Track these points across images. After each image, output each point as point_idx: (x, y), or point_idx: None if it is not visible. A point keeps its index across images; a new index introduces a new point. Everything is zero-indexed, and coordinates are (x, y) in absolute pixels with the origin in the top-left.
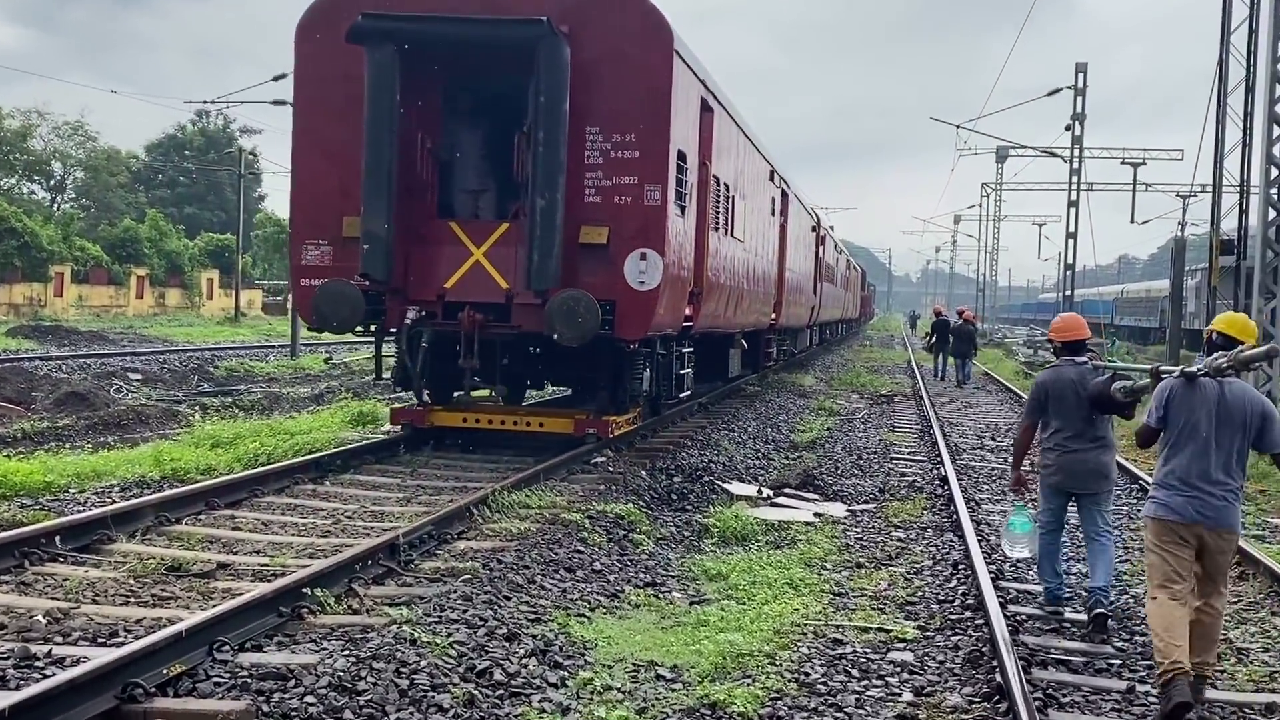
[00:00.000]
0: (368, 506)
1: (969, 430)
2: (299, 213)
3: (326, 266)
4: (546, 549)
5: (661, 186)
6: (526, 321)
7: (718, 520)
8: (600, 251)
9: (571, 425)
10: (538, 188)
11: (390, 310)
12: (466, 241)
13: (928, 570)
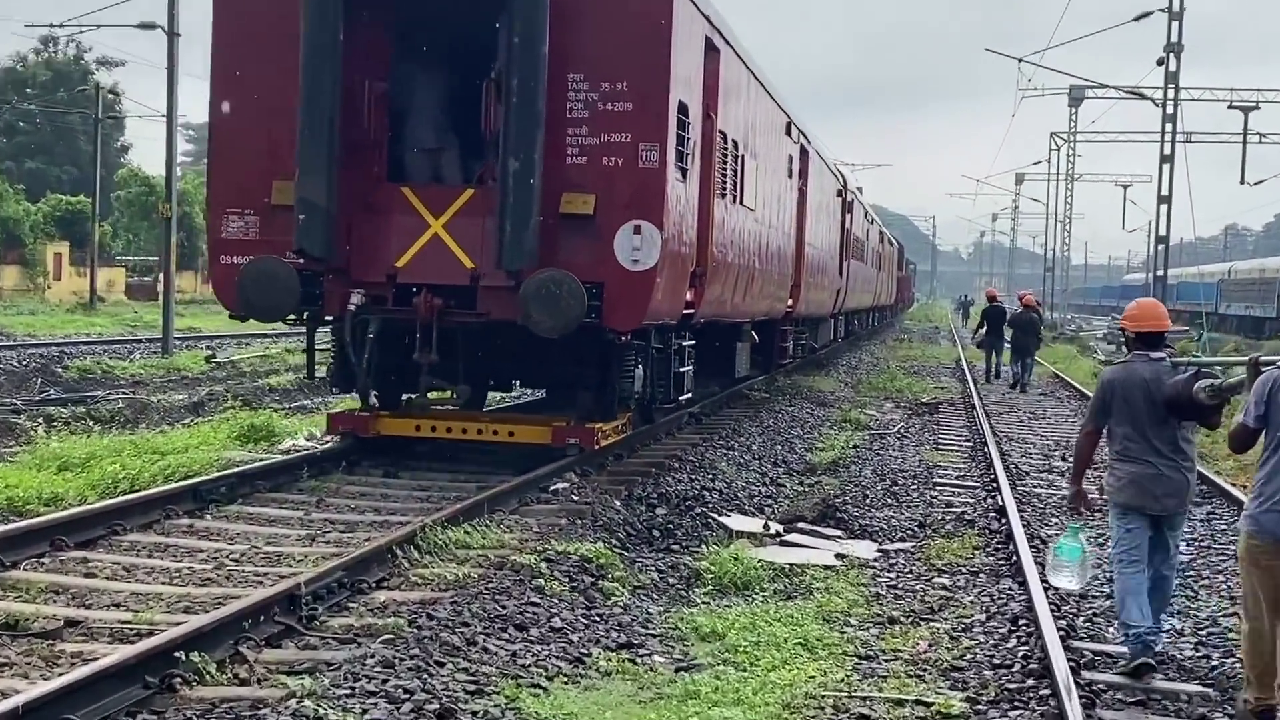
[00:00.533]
0: (260, 547)
1: (1032, 448)
2: (219, 176)
3: (252, 241)
4: (491, 601)
5: (659, 146)
6: (495, 308)
7: (712, 563)
8: (586, 224)
9: (549, 434)
10: (510, 146)
11: (329, 294)
12: (422, 211)
13: (979, 626)
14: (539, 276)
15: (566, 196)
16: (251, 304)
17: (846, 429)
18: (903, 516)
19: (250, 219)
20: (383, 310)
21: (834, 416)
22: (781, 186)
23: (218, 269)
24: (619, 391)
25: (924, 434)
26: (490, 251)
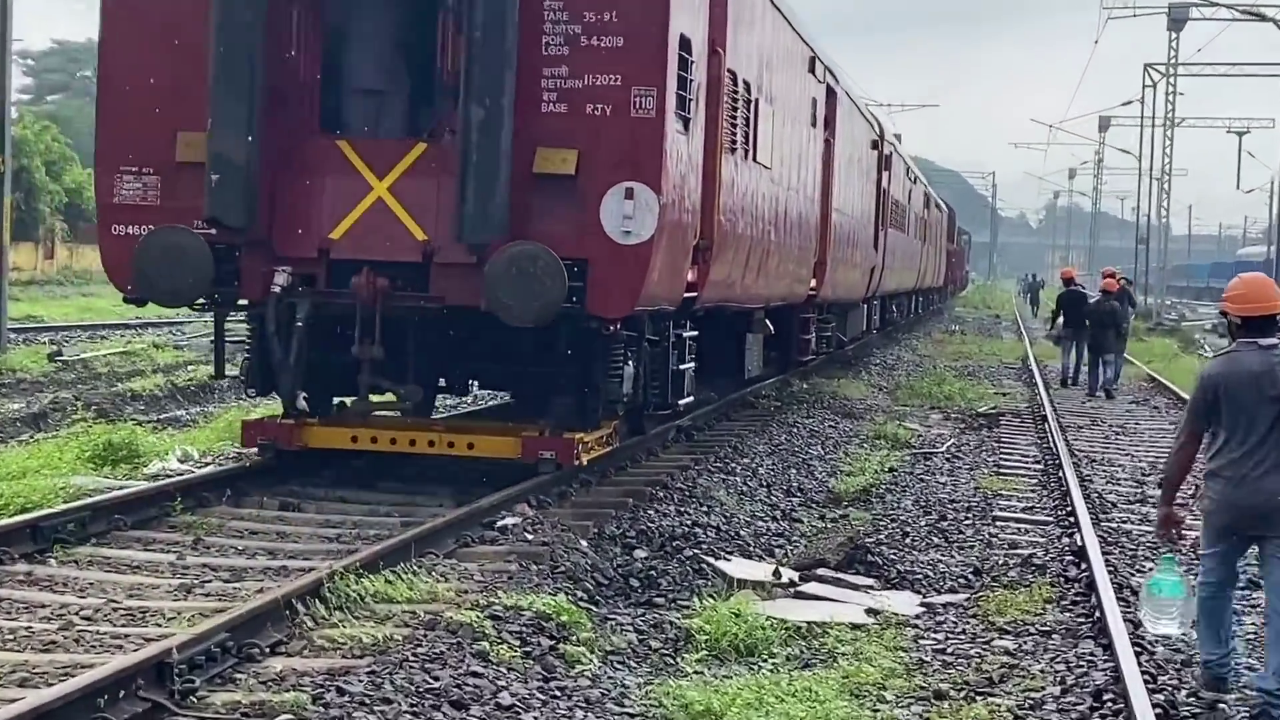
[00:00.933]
0: (120, 600)
1: (1120, 472)
2: (109, 126)
3: (151, 206)
4: (421, 671)
5: (657, 91)
6: (453, 290)
7: (707, 621)
8: (566, 186)
9: (517, 446)
10: (474, 92)
11: (248, 273)
12: (363, 170)
13: (1051, 703)
14: (508, 252)
15: (542, 153)
16: (153, 285)
17: (881, 447)
18: (953, 560)
19: (149, 179)
20: (314, 293)
21: (864, 431)
22: (803, 138)
23: (108, 241)
24: (604, 394)
25: (980, 454)
26: (447, 221)
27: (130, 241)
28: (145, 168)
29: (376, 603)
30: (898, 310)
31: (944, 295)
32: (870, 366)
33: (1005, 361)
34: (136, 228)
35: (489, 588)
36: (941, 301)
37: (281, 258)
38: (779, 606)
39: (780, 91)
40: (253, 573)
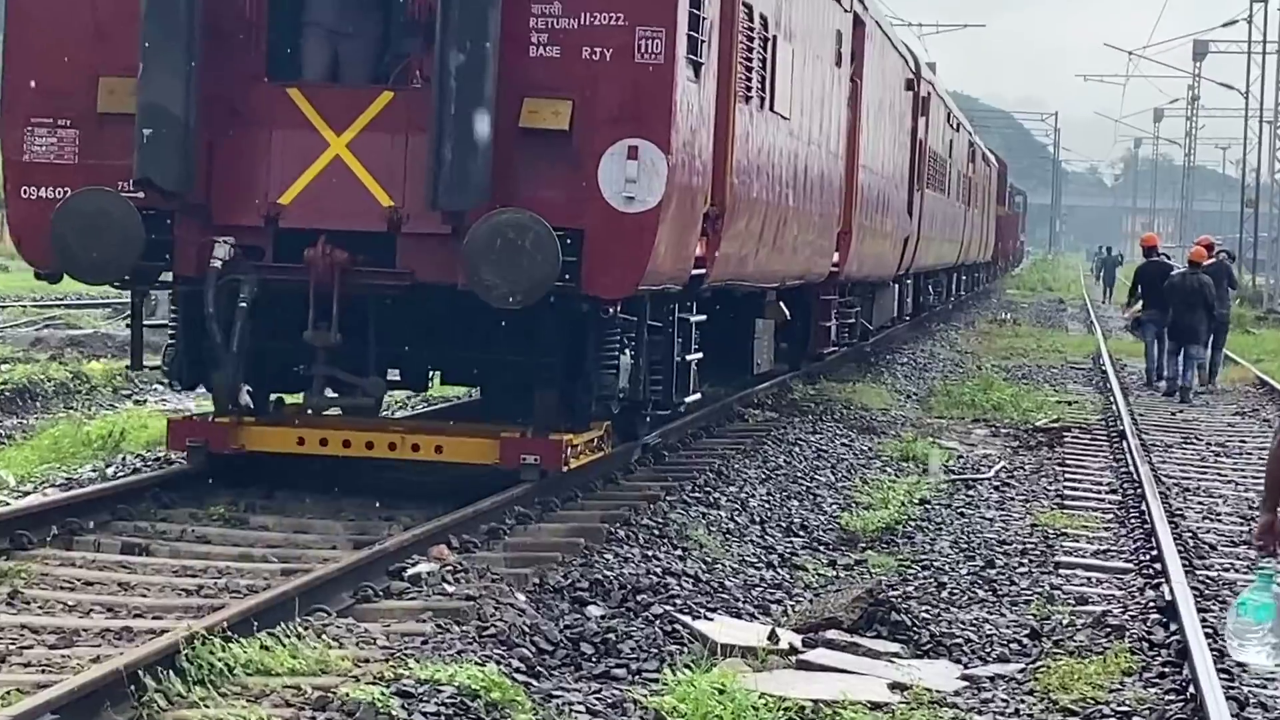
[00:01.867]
0: None
1: (1221, 504)
2: (18, 67)
3: (69, 165)
4: None
5: (665, 32)
6: (424, 265)
7: (682, 699)
8: (558, 143)
9: (495, 450)
10: (452, 32)
11: (182, 243)
12: (318, 123)
13: None
14: (492, 220)
15: (530, 104)
16: (74, 258)
17: (909, 473)
18: (1003, 620)
19: (66, 134)
20: (260, 268)
21: (888, 451)
22: (825, 80)
23: (17, 206)
24: (596, 388)
25: (1039, 481)
26: (418, 184)
27: (43, 206)
28: (61, 119)
29: (249, 675)
30: (934, 291)
31: (993, 273)
32: (895, 366)
33: (1071, 360)
34: (51, 190)
35: (397, 655)
36: (989, 281)
37: (221, 226)
38: (776, 680)
39: (800, 25)
40: (86, 636)
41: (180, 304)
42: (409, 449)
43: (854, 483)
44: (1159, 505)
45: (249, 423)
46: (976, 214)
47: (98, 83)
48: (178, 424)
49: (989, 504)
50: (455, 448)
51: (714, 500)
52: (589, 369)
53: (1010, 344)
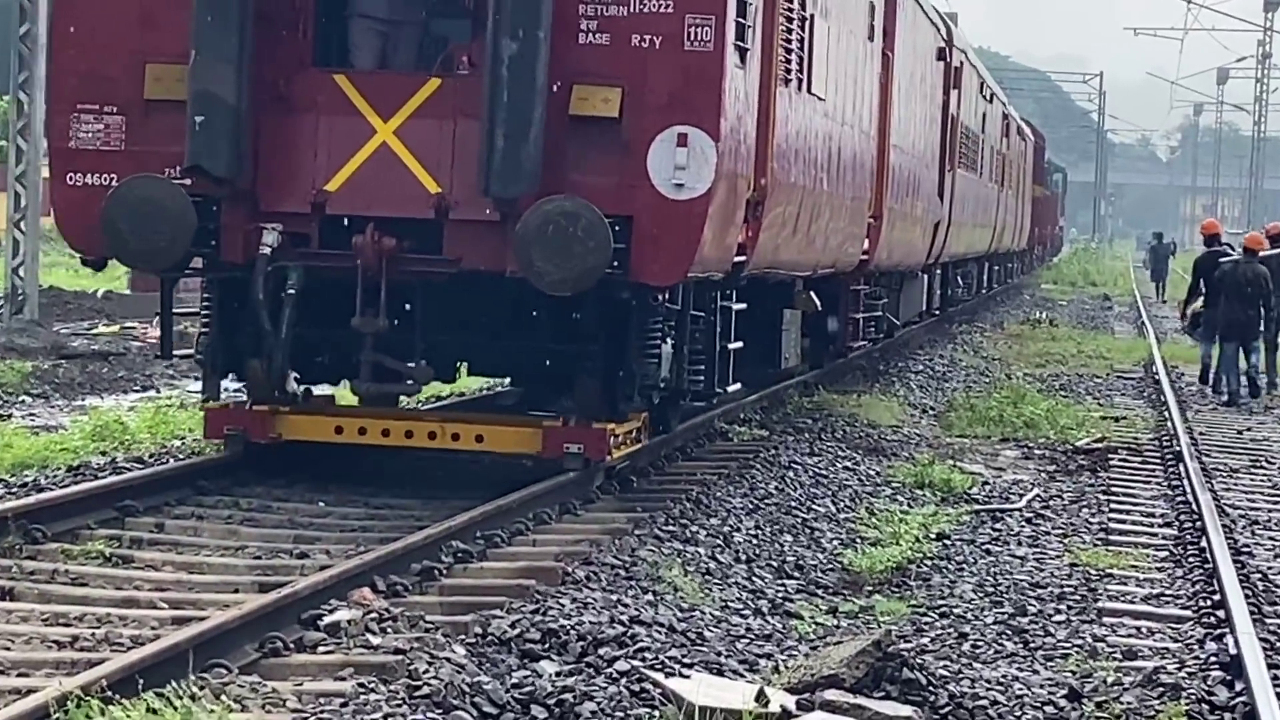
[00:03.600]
0: None
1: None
2: (66, 54)
3: (114, 152)
4: None
5: (715, 19)
6: (471, 252)
7: None
8: (607, 130)
9: (537, 439)
10: (505, 20)
11: (229, 230)
12: (365, 110)
13: None
14: (544, 207)
15: (580, 90)
16: (126, 244)
17: (924, 502)
18: (1037, 678)
19: (113, 120)
20: (307, 255)
21: (899, 476)
22: (858, 56)
23: (64, 192)
24: (639, 377)
25: (1079, 512)
26: (466, 170)
27: (90, 193)
28: (108, 106)
29: None
30: (964, 283)
31: (1028, 262)
32: (909, 375)
33: (1118, 368)
34: (97, 176)
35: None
36: (1024, 272)
37: (268, 213)
38: None
39: (835, 1)
40: None
41: (215, 292)
42: (449, 438)
43: (859, 514)
44: (1222, 541)
45: (285, 411)
46: (1010, 196)
47: (144, 69)
48: (215, 412)
49: (1020, 539)
50: (496, 437)
51: (691, 534)
52: (631, 358)
53: (1046, 349)
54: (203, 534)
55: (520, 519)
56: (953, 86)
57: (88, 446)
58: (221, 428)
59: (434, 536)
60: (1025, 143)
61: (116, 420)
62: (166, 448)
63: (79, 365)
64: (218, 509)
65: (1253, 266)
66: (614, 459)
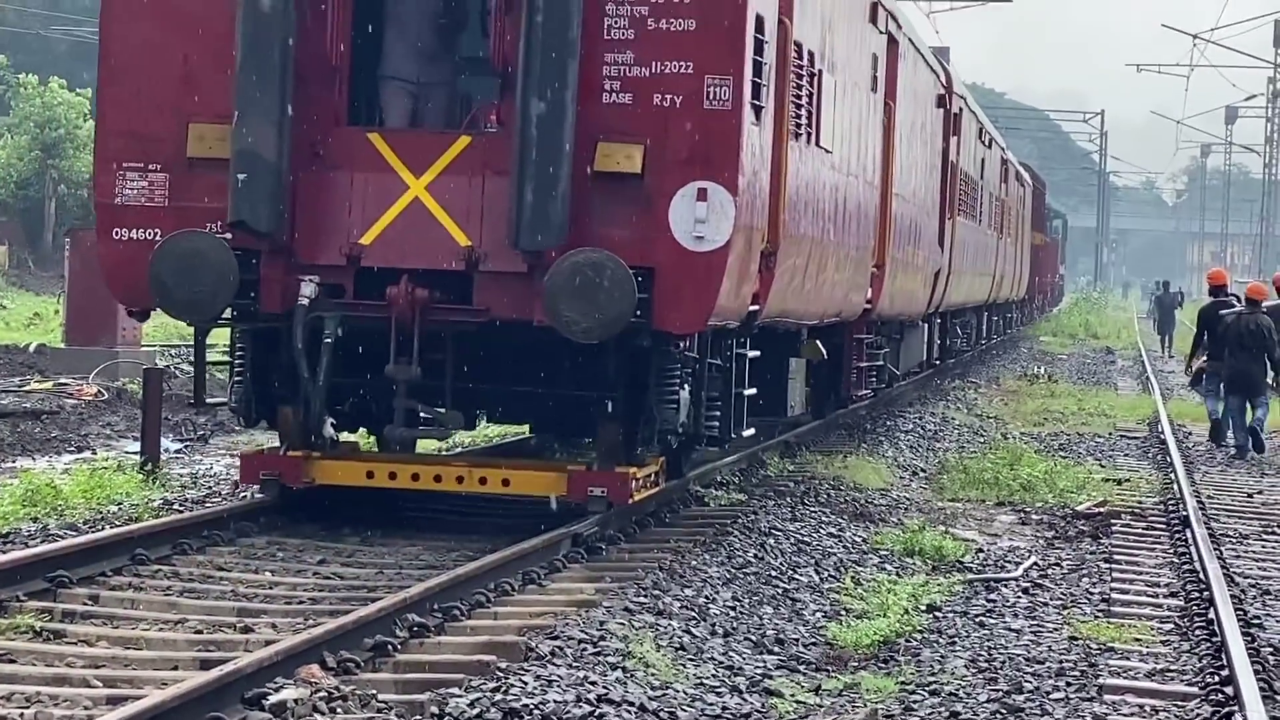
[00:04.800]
0: None
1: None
2: (113, 115)
3: (158, 208)
4: None
5: (733, 79)
6: (500, 302)
7: None
8: (630, 186)
9: (562, 482)
10: (534, 82)
11: (268, 282)
12: (398, 166)
13: None
14: (572, 259)
15: (604, 148)
16: (172, 296)
17: (914, 571)
18: None
19: (156, 177)
20: (345, 305)
21: (887, 544)
22: (862, 108)
23: (110, 247)
24: (659, 422)
25: (1079, 581)
26: (494, 224)
27: (134, 247)
28: (152, 164)
29: None
30: (963, 333)
31: (1027, 312)
32: (897, 434)
33: (1121, 427)
34: (141, 231)
35: None
36: (1024, 322)
37: (305, 265)
38: None
39: (841, 55)
40: None
41: (249, 342)
42: (476, 482)
43: (844, 584)
44: (1230, 612)
45: (317, 457)
46: (1009, 244)
47: (187, 128)
48: (250, 457)
49: (1016, 611)
50: (521, 480)
51: (664, 606)
52: (651, 404)
53: (1044, 406)
54: (140, 606)
55: (480, 589)
56: (952, 133)
57: (17, 512)
58: (257, 473)
59: (388, 609)
60: (1024, 188)
61: (49, 484)
62: (102, 513)
63: (9, 424)
64: (157, 579)
65: (1256, 318)
66: (635, 501)
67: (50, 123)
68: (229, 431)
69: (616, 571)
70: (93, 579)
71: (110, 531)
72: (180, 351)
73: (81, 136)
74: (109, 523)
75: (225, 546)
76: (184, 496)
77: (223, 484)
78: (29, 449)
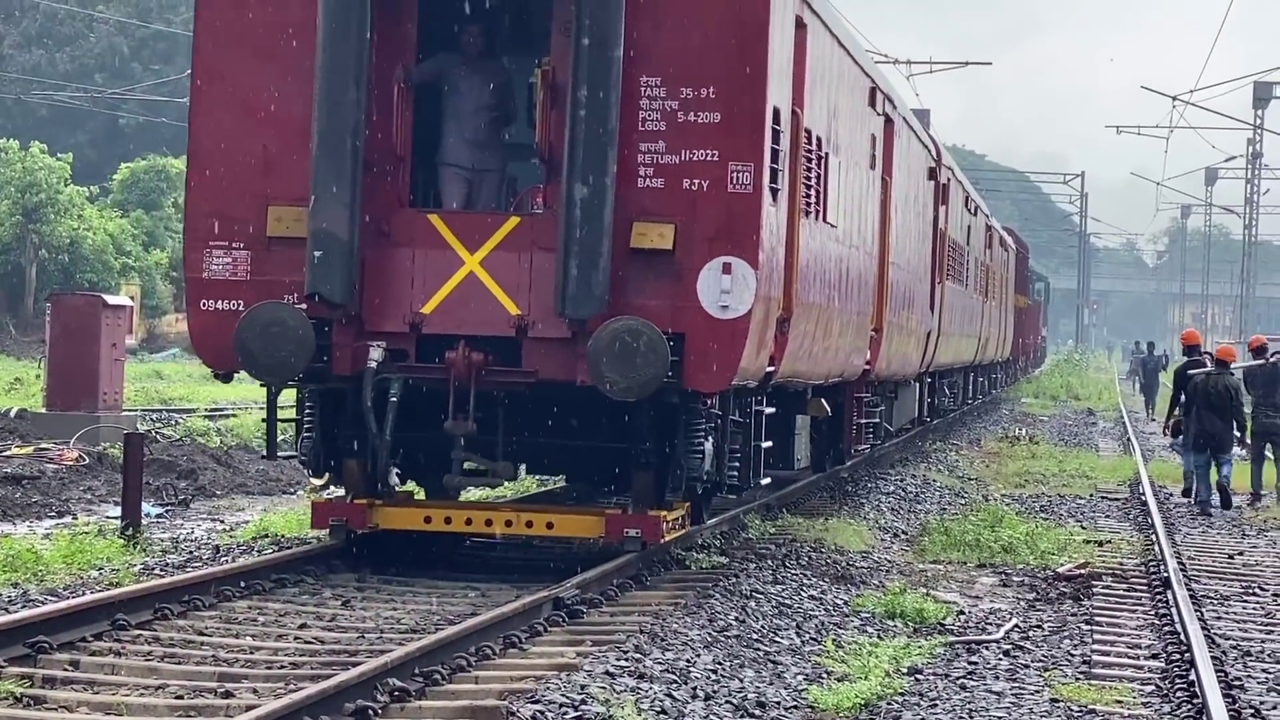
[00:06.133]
0: None
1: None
2: (200, 198)
3: (241, 282)
4: None
5: (753, 165)
6: (547, 365)
7: None
8: (663, 260)
9: (600, 525)
10: (579, 168)
11: (339, 347)
12: (454, 244)
13: None
14: (613, 326)
15: (639, 227)
16: (255, 360)
17: (895, 633)
18: None
19: (239, 254)
20: (409, 368)
21: (868, 606)
22: (863, 185)
23: (198, 316)
24: (686, 471)
25: (1060, 643)
26: (540, 295)
27: (221, 317)
28: (235, 242)
29: None
30: (950, 393)
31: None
32: (879, 496)
33: (1102, 488)
34: (227, 303)
35: None
36: (1008, 383)
37: (373, 332)
38: None
39: (845, 138)
40: None
41: (317, 402)
42: (523, 525)
43: (825, 646)
44: (1211, 675)
45: (379, 504)
46: (994, 306)
47: (267, 211)
48: (321, 505)
49: (997, 673)
50: (564, 524)
51: (646, 670)
52: (679, 454)
53: (1025, 468)
54: (121, 671)
55: (462, 653)
56: (941, 202)
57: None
58: (327, 519)
59: (369, 673)
60: (1008, 253)
61: (29, 549)
62: (83, 579)
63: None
64: (137, 644)
65: (1223, 378)
66: (666, 541)
67: (31, 187)
68: (210, 496)
69: (598, 635)
70: (73, 644)
71: (91, 597)
72: (162, 415)
73: (62, 201)
74: (90, 588)
75: (206, 611)
76: (165, 561)
77: (203, 549)
78: (9, 514)
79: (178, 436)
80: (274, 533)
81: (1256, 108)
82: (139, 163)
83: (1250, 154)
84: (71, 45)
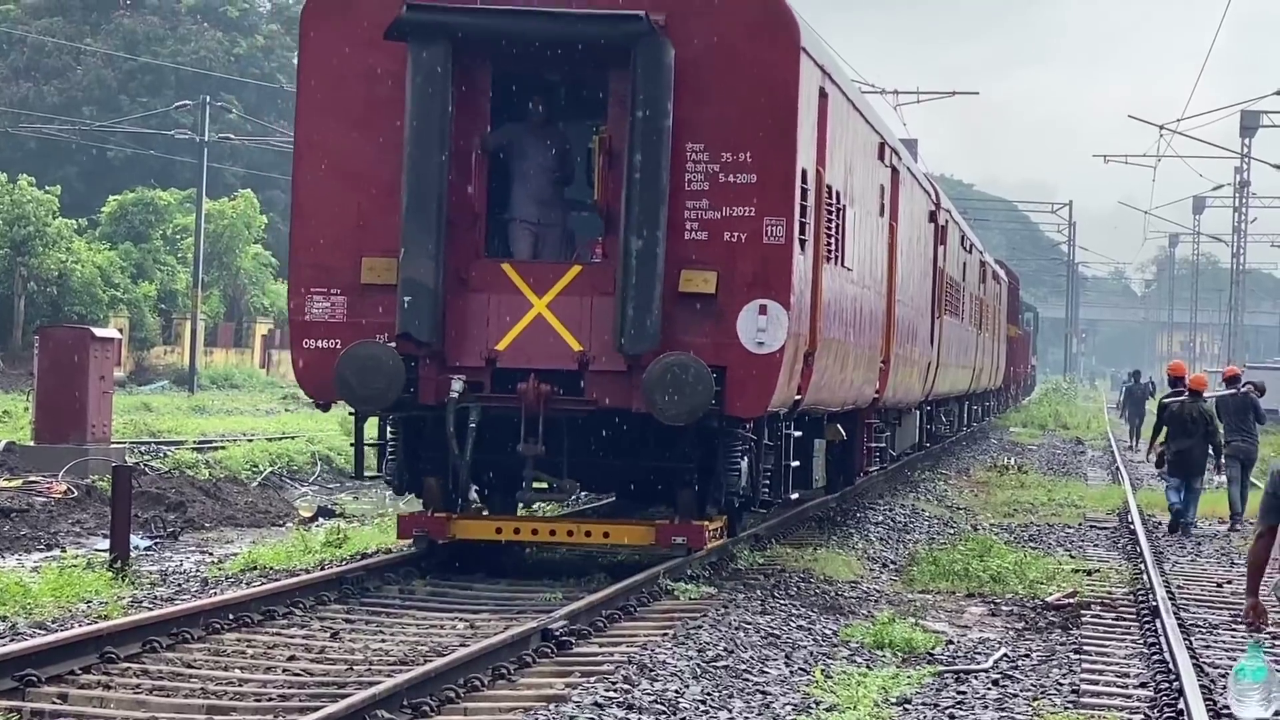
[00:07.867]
0: None
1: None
2: (302, 251)
3: (339, 323)
4: None
5: (785, 220)
6: (606, 394)
7: None
8: (707, 303)
9: (651, 534)
10: (634, 223)
11: (424, 380)
12: (524, 289)
13: None
14: (665, 361)
15: (686, 274)
16: (353, 391)
17: (884, 663)
18: None
19: (337, 299)
20: (486, 397)
21: (856, 636)
22: (874, 231)
23: (301, 354)
24: (725, 486)
25: (1049, 672)
26: (601, 333)
27: (322, 355)
28: (333, 289)
29: None
30: (947, 420)
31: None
32: (867, 526)
33: (1091, 517)
34: (326, 342)
35: None
36: (1000, 410)
37: (454, 367)
38: None
39: (859, 190)
40: None
41: (401, 428)
42: (583, 535)
43: (814, 676)
44: (1200, 702)
45: (457, 517)
46: (988, 338)
47: (361, 261)
48: (405, 518)
49: (986, 703)
50: (619, 533)
51: (634, 700)
52: (719, 471)
53: (1014, 497)
54: (110, 704)
55: (450, 685)
56: (940, 243)
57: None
58: (411, 530)
59: (357, 705)
60: (1000, 284)
61: (17, 582)
62: (72, 611)
63: None
64: (126, 677)
65: (1197, 406)
66: (708, 549)
67: (20, 220)
68: (198, 528)
69: (586, 666)
70: (62, 677)
71: (79, 630)
72: (150, 448)
73: (51, 234)
74: (78, 621)
75: (195, 643)
76: (153, 594)
77: (192, 581)
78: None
79: (166, 469)
80: (263, 565)
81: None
82: (127, 195)
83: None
84: (59, 78)
